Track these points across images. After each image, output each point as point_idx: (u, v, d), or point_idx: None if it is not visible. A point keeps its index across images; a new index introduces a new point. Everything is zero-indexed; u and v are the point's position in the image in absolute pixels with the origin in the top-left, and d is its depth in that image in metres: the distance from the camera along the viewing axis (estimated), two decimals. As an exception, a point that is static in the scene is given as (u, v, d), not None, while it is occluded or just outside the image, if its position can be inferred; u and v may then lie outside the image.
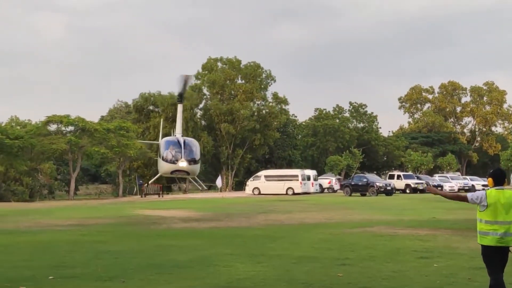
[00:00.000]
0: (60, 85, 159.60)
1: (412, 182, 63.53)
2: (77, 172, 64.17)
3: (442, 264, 13.41)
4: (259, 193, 60.95)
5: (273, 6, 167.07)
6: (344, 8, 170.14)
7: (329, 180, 70.85)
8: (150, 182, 50.70)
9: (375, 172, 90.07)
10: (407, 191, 62.11)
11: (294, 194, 59.59)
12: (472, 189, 64.35)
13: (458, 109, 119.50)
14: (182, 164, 37.66)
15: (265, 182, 62.26)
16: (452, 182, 67.52)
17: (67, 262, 14.27)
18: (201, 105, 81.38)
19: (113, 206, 42.13)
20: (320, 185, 67.07)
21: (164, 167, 43.97)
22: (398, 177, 64.71)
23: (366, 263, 13.59)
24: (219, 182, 63.21)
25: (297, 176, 62.15)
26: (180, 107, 43.31)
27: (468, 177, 77.37)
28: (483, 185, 60.95)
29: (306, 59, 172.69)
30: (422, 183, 62.85)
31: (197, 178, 49.39)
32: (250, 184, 63.58)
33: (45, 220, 28.03)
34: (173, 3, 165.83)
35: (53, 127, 63.95)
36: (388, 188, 57.36)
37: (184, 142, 44.45)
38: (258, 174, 65.69)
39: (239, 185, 78.27)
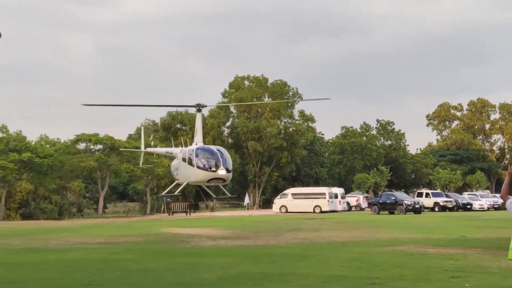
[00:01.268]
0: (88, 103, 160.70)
1: (440, 200, 62.98)
2: (105, 190, 64.70)
3: (473, 283, 13.21)
4: (286, 211, 60.80)
5: (299, 23, 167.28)
6: (371, 24, 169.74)
7: (357, 198, 70.51)
8: (176, 192, 50.75)
9: (403, 190, 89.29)
10: (436, 209, 61.54)
11: (321, 212, 59.34)
12: (502, 207, 63.55)
13: (487, 126, 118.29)
14: (222, 172, 37.83)
15: (292, 200, 62.14)
16: (482, 200, 66.71)
17: (96, 280, 14.38)
18: (228, 123, 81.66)
19: (141, 224, 42.40)
20: (348, 203, 66.72)
21: (200, 175, 43.73)
22: (427, 195, 64.23)
23: (397, 283, 13.46)
24: (246, 200, 63.16)
25: (324, 194, 61.91)
26: (198, 116, 43.38)
27: (497, 195, 76.29)
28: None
29: (332, 76, 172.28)
30: (451, 201, 62.28)
31: (221, 187, 49.62)
32: (277, 202, 63.50)
33: (74, 238, 28.27)
34: (200, 22, 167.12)
35: (82, 145, 64.75)
36: (417, 206, 56.74)
37: (219, 150, 44.81)
38: (285, 192, 65.55)
39: (266, 203, 78.11)
